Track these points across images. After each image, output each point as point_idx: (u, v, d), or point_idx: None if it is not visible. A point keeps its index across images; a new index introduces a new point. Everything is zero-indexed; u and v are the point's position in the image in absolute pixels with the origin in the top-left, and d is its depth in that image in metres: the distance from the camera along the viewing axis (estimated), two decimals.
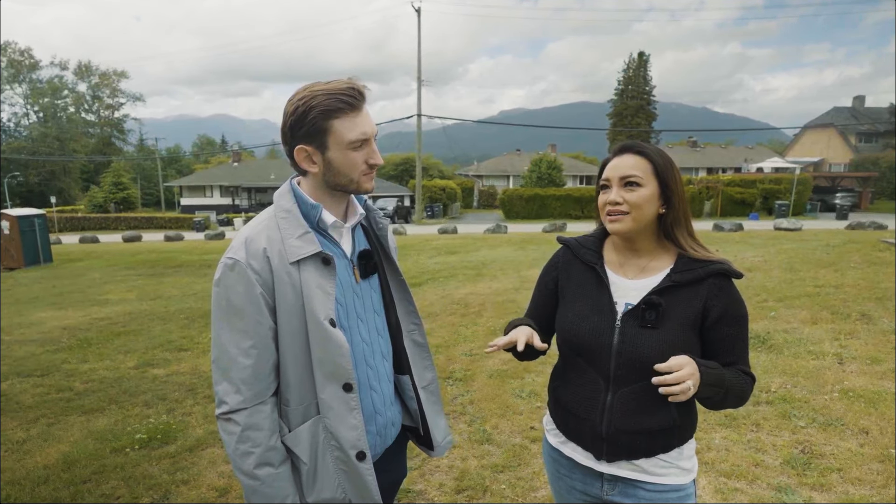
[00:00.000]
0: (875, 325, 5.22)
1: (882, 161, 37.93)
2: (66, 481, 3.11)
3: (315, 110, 1.25)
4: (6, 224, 15.01)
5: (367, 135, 1.30)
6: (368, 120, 1.31)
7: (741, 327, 1.34)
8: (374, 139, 1.34)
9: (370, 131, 1.31)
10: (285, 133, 1.30)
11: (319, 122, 1.26)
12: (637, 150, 1.33)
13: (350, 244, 1.43)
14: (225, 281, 1.27)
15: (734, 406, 1.33)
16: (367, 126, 1.30)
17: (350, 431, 1.31)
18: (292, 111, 1.27)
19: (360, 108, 1.29)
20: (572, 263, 1.48)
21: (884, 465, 2.85)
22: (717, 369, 1.25)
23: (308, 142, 1.29)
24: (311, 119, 1.25)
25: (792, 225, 17.17)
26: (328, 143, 1.28)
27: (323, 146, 1.29)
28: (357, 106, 1.28)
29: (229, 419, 1.26)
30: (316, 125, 1.26)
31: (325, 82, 1.29)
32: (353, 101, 1.27)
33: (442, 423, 1.60)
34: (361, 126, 1.29)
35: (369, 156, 1.32)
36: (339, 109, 1.26)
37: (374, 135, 1.33)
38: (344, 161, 1.30)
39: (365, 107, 1.31)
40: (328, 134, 1.27)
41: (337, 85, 1.27)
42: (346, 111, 1.27)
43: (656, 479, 1.35)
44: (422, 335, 1.57)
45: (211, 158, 64.63)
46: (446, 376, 4.53)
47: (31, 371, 5.22)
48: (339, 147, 1.29)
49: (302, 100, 1.26)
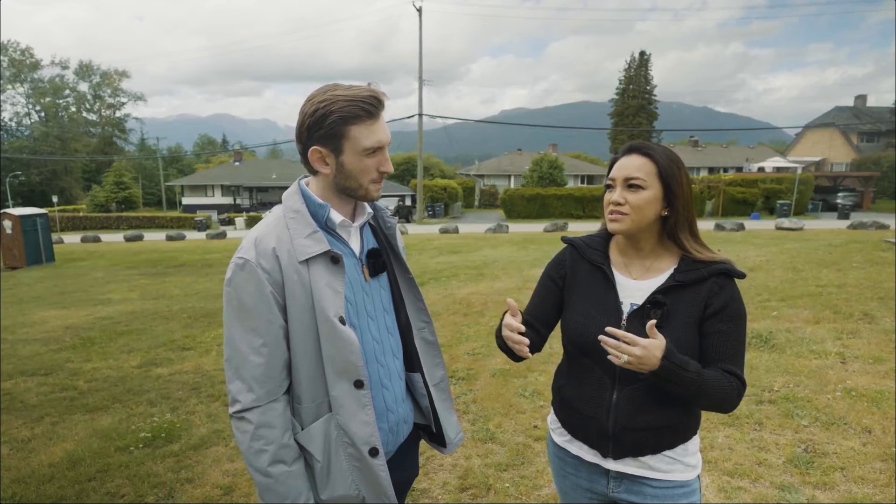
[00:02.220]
0: (877, 324, 5.22)
1: (884, 160, 37.88)
2: (70, 480, 3.12)
3: (335, 115, 1.26)
4: (8, 223, 15.04)
5: (382, 143, 1.32)
6: (384, 128, 1.33)
7: (737, 326, 1.32)
8: (387, 147, 1.35)
9: (385, 140, 1.33)
10: (302, 132, 1.31)
11: (338, 127, 1.27)
12: (643, 151, 1.33)
13: (359, 243, 1.44)
14: (236, 280, 1.28)
15: (713, 408, 1.29)
16: (382, 134, 1.32)
17: (362, 428, 1.32)
18: (311, 112, 1.28)
19: (378, 117, 1.31)
20: (579, 263, 1.49)
21: (887, 463, 2.85)
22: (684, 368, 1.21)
23: (324, 144, 1.30)
24: (330, 123, 1.27)
25: (794, 225, 17.16)
26: (344, 147, 1.30)
27: (338, 150, 1.30)
28: (375, 114, 1.30)
29: (242, 417, 1.27)
30: (334, 129, 1.28)
31: (347, 86, 1.30)
32: (373, 108, 1.29)
33: (453, 420, 1.61)
34: (377, 134, 1.31)
35: (381, 163, 1.34)
36: (357, 116, 1.27)
37: (388, 143, 1.35)
38: (357, 166, 1.32)
39: (382, 115, 1.32)
40: (345, 139, 1.29)
41: (358, 92, 1.28)
42: (364, 119, 1.28)
43: (662, 475, 1.36)
44: (431, 333, 1.58)
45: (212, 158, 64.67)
46: (449, 375, 4.51)
47: (35, 370, 5.23)
48: (354, 152, 1.30)
49: (323, 102, 1.27)
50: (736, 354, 1.31)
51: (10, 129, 56.27)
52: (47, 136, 53.35)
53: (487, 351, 5.12)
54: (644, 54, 59.62)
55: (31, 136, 55.14)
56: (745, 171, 36.85)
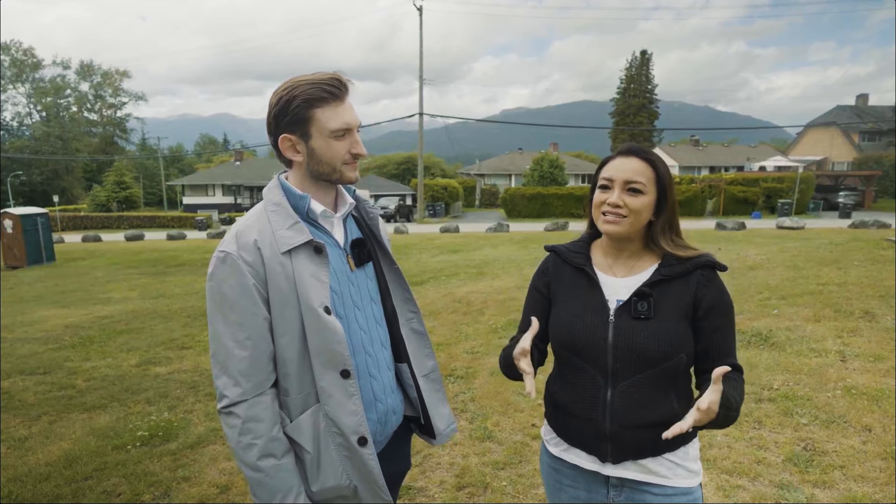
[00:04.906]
0: (878, 322, 5.21)
1: (885, 160, 37.80)
2: (67, 478, 3.11)
3: (298, 99, 1.27)
4: (9, 223, 15.05)
5: (349, 125, 1.32)
6: (351, 111, 1.33)
7: (730, 318, 1.36)
8: (358, 130, 1.35)
9: (353, 122, 1.33)
10: (270, 123, 1.32)
11: (302, 111, 1.28)
12: (643, 155, 1.34)
13: (342, 233, 1.43)
14: (217, 274, 1.28)
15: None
16: (349, 116, 1.32)
17: (350, 417, 1.31)
18: (276, 101, 1.29)
19: (343, 99, 1.31)
20: (562, 268, 1.49)
21: (886, 462, 2.84)
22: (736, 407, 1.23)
23: (291, 130, 1.31)
24: (294, 108, 1.27)
25: (795, 223, 17.12)
26: (311, 131, 1.30)
27: (306, 135, 1.31)
28: (339, 96, 1.30)
29: (230, 412, 1.26)
30: (299, 114, 1.28)
31: (310, 74, 1.31)
32: (336, 90, 1.29)
33: (445, 411, 1.59)
34: (343, 116, 1.31)
35: (352, 146, 1.34)
36: (321, 98, 1.28)
37: (357, 126, 1.34)
38: (326, 150, 1.32)
39: (348, 98, 1.32)
40: (311, 122, 1.29)
41: (320, 76, 1.29)
42: (328, 100, 1.29)
43: (664, 480, 1.33)
44: (420, 323, 1.57)
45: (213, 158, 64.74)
46: (448, 374, 4.53)
47: (34, 369, 5.23)
48: (322, 136, 1.30)
49: (286, 90, 1.28)
50: (734, 346, 1.36)
51: (12, 129, 56.37)
52: (48, 135, 53.39)
53: (486, 350, 5.10)
54: (645, 53, 59.54)
55: (32, 135, 55.17)
56: (747, 171, 36.80)
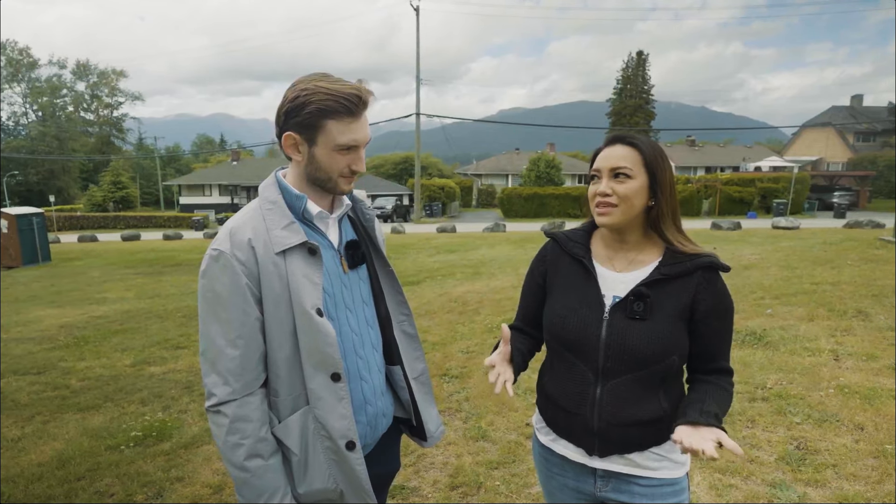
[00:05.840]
0: (871, 321, 5.23)
1: (880, 160, 37.94)
2: (59, 479, 3.10)
3: (313, 105, 1.25)
4: (5, 223, 14.99)
5: (357, 142, 1.30)
6: (363, 128, 1.31)
7: (729, 321, 1.35)
8: (364, 147, 1.34)
9: (362, 139, 1.31)
10: (279, 115, 1.31)
11: (314, 119, 1.26)
12: (627, 140, 1.32)
13: (337, 235, 1.42)
14: (210, 272, 1.27)
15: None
16: (360, 134, 1.30)
17: (339, 421, 1.31)
18: (292, 98, 1.27)
19: (359, 116, 1.29)
20: (560, 257, 1.47)
21: (878, 460, 2.85)
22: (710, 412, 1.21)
23: (298, 131, 1.29)
24: (308, 112, 1.26)
25: (790, 223, 17.16)
26: (317, 139, 1.29)
27: (311, 140, 1.29)
28: (355, 112, 1.28)
29: (218, 411, 1.26)
30: (310, 120, 1.26)
31: (335, 79, 1.28)
32: (353, 106, 1.27)
33: (434, 413, 1.60)
34: (354, 133, 1.29)
35: (353, 161, 1.33)
36: (336, 112, 1.26)
37: (365, 143, 1.33)
38: (327, 161, 1.31)
39: (364, 114, 1.30)
40: (319, 131, 1.28)
41: (342, 87, 1.26)
42: (342, 115, 1.27)
43: (650, 472, 1.34)
44: (412, 326, 1.57)
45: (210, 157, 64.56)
46: (442, 373, 4.53)
47: (28, 369, 5.21)
48: (327, 146, 1.29)
49: (304, 91, 1.26)
50: (728, 349, 1.36)
51: (8, 129, 56.13)
52: (45, 135, 53.21)
53: (481, 349, 5.10)
54: (642, 54, 59.63)
55: (28, 135, 55.00)
56: (742, 171, 36.85)
